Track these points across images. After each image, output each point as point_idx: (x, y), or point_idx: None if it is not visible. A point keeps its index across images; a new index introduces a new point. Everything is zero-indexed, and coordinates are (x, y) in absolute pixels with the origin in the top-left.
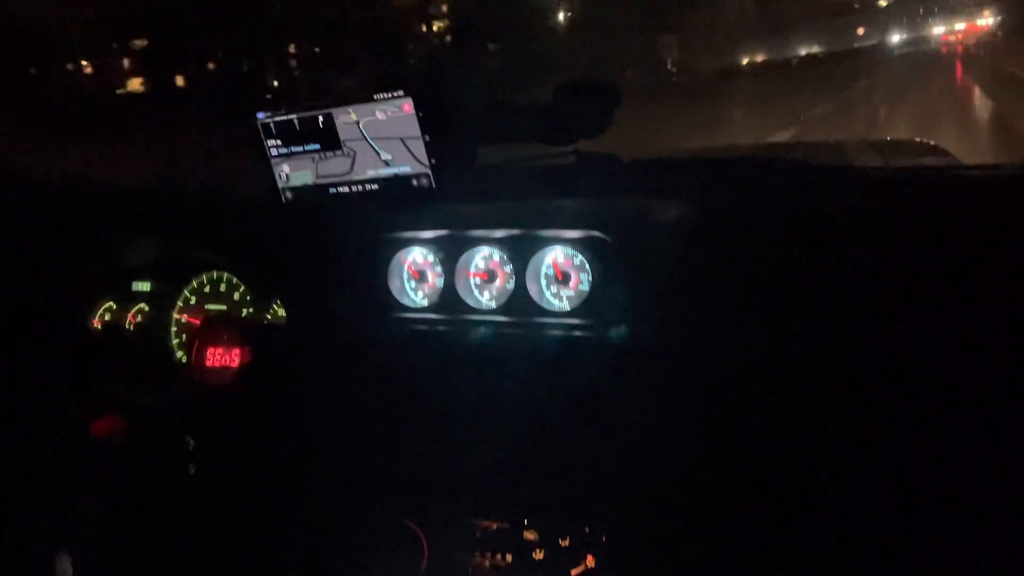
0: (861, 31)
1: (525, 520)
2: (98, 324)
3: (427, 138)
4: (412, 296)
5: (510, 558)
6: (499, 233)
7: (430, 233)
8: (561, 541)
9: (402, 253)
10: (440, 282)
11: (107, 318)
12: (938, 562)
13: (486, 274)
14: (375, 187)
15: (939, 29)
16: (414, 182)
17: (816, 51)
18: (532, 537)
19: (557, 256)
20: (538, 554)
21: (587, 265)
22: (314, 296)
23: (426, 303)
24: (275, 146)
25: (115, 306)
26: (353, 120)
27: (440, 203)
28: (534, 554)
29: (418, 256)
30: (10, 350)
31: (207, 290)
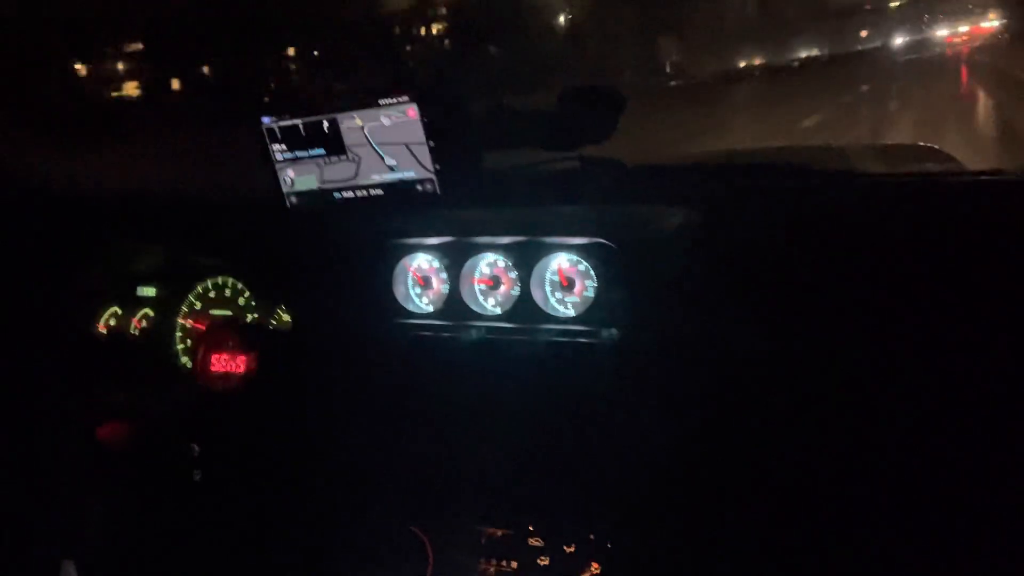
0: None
1: (530, 526)
2: (103, 329)
3: (432, 144)
4: (417, 302)
5: (515, 564)
6: (504, 239)
7: (435, 239)
8: (566, 547)
9: (407, 259)
10: (445, 288)
11: (112, 323)
12: (940, 562)
13: (491, 280)
14: (380, 192)
15: (943, 32)
16: (419, 187)
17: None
18: (537, 543)
19: (562, 262)
20: (543, 560)
21: (592, 271)
22: (319, 301)
23: (431, 309)
24: (280, 151)
25: (120, 311)
26: (358, 125)
27: (445, 209)
28: (539, 560)
29: (423, 262)
30: (15, 355)
31: (212, 295)
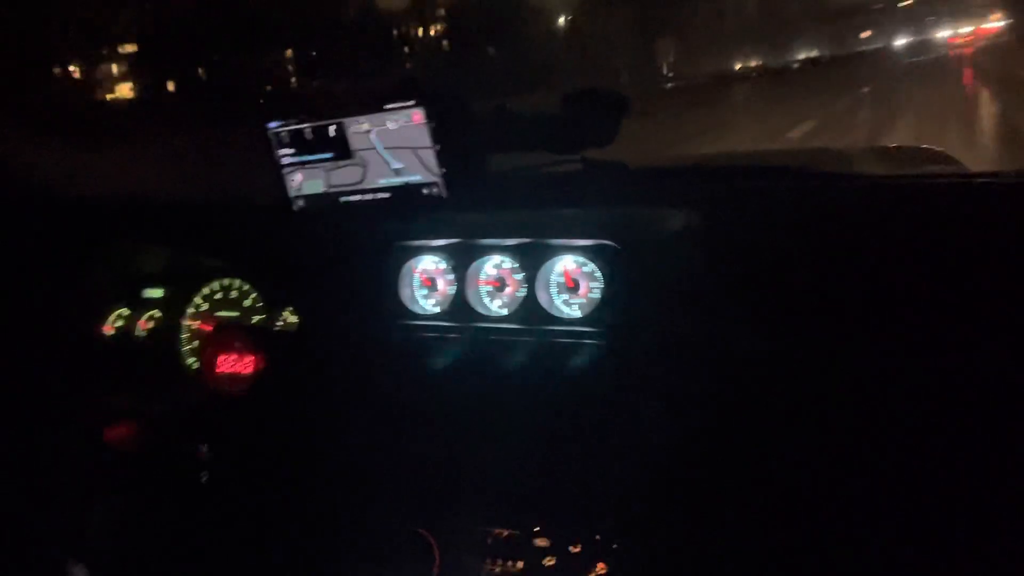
0: (866, 34)
1: (536, 527)
2: (109, 331)
3: (438, 147)
4: (423, 304)
5: (521, 565)
6: (510, 241)
7: (441, 241)
8: (572, 548)
9: (413, 261)
10: (451, 290)
11: (118, 325)
12: (942, 563)
13: (497, 282)
14: (386, 196)
15: (946, 32)
16: (425, 191)
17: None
18: (543, 544)
19: (567, 264)
20: (549, 561)
21: (597, 273)
22: (325, 303)
23: (437, 311)
24: (287, 155)
25: (126, 313)
26: (364, 130)
27: (451, 211)
28: (545, 561)
29: (429, 264)
30: (21, 357)
31: (218, 297)
